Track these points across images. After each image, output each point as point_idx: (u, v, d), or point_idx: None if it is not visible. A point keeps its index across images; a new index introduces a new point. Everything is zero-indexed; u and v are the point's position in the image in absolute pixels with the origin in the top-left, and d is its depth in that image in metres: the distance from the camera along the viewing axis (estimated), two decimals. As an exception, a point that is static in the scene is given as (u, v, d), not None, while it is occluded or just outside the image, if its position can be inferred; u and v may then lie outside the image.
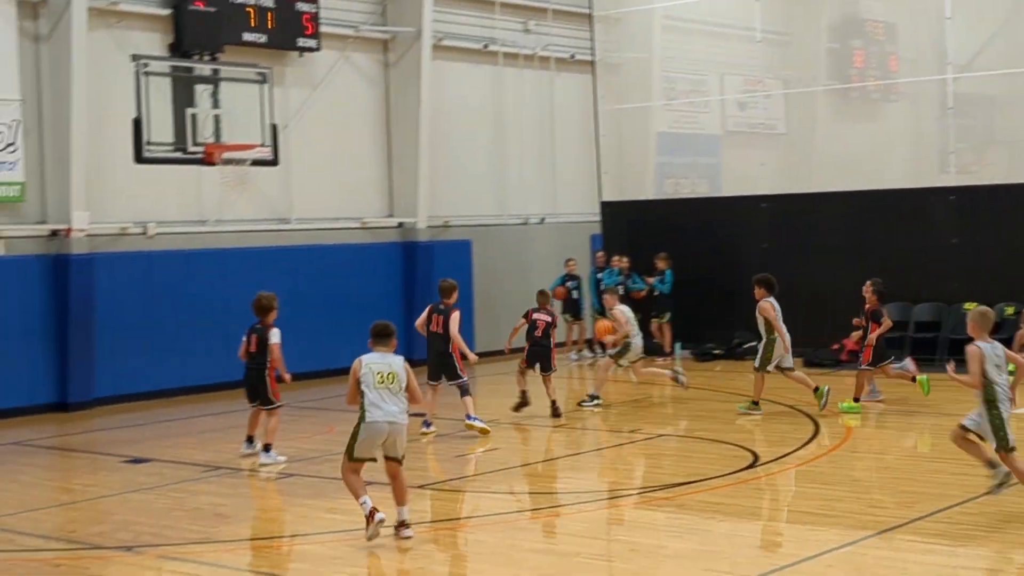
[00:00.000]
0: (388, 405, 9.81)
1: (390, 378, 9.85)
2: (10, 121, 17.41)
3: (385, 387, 9.83)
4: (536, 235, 24.97)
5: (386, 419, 9.79)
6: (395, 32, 22.47)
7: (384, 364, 9.93)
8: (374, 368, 9.89)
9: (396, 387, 9.87)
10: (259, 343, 13.44)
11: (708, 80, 27.63)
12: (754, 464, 12.56)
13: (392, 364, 9.94)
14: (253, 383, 13.51)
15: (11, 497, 12.22)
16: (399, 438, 9.92)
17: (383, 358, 9.99)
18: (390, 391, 9.83)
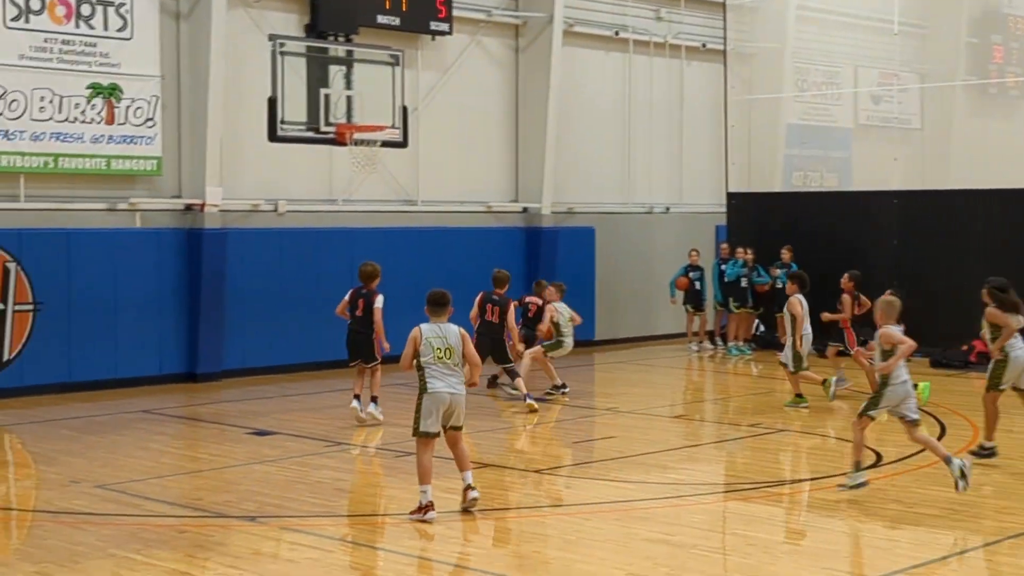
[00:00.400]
0: (448, 377, 10.12)
1: (447, 353, 10.12)
2: (149, 97, 17.85)
3: (443, 362, 10.11)
4: (660, 224, 24.85)
5: (447, 390, 10.09)
6: (527, 17, 22.51)
7: (441, 339, 10.16)
8: (433, 343, 10.14)
9: (454, 360, 10.14)
10: (365, 307, 14.53)
11: (842, 72, 27.22)
12: (877, 463, 12.37)
13: (448, 337, 10.17)
14: (357, 343, 14.62)
15: (140, 463, 12.56)
16: (459, 408, 10.22)
17: (440, 330, 10.21)
18: (447, 365, 10.12)
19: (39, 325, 16.93)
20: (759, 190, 24.36)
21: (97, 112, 17.40)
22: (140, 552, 9.11)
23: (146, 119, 17.84)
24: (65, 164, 17.22)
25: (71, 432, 14.31)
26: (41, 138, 16.95)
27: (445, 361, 10.12)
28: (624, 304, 23.92)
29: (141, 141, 17.81)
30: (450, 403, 10.13)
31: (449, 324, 10.32)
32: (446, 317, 10.33)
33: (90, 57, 17.35)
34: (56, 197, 17.34)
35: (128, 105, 17.65)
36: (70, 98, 17.17)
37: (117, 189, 17.86)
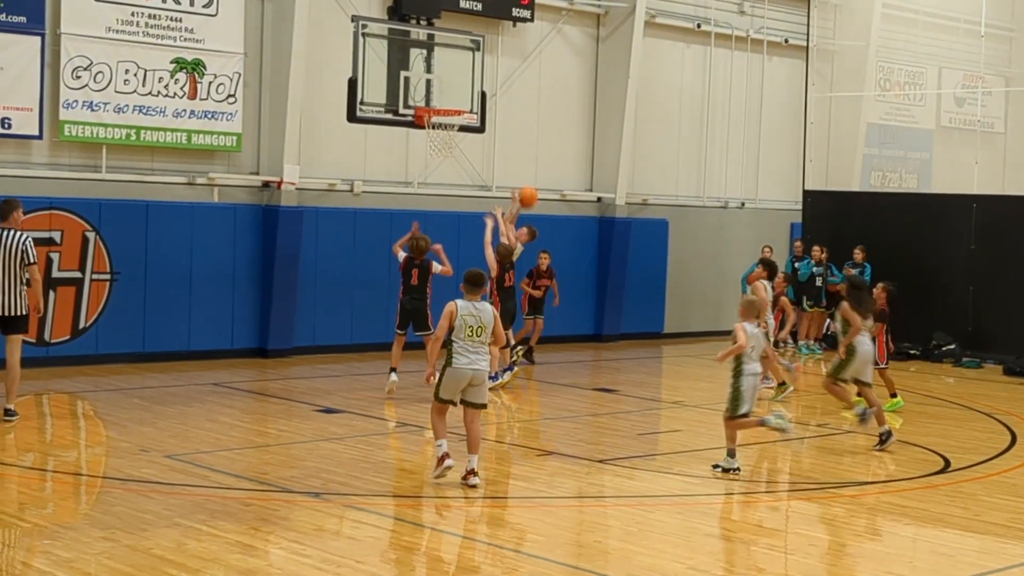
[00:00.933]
0: (472, 355, 10.66)
1: (479, 331, 10.69)
2: (232, 73, 18.04)
3: (473, 339, 10.64)
4: (734, 219, 24.71)
5: (470, 367, 10.65)
6: (609, 7, 22.45)
7: (475, 318, 10.70)
8: (467, 321, 10.67)
9: (483, 338, 10.71)
10: (420, 276, 15.32)
11: (925, 73, 26.92)
12: (945, 469, 12.24)
13: (482, 317, 10.73)
14: (411, 311, 15.38)
15: (209, 436, 12.73)
16: (480, 387, 10.75)
17: (475, 309, 10.74)
18: (475, 342, 10.66)
19: (115, 294, 17.20)
20: (836, 189, 24.15)
21: (180, 87, 17.62)
22: (205, 523, 9.25)
23: (227, 95, 18.04)
24: (147, 137, 17.45)
25: (143, 402, 14.53)
26: (124, 111, 17.19)
27: (474, 339, 10.65)
28: (694, 298, 23.82)
29: (222, 117, 18.01)
30: (470, 380, 10.68)
31: (484, 303, 10.89)
32: (479, 296, 10.87)
33: (175, 32, 17.56)
34: (136, 169, 17.58)
35: (211, 81, 17.86)
36: (154, 72, 17.40)
37: (196, 163, 18.08)
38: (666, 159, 23.87)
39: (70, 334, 16.89)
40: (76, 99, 16.80)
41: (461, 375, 10.67)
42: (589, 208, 22.62)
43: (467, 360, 10.66)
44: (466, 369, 10.65)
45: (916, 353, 21.41)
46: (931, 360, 21.05)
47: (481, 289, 10.92)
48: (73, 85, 16.77)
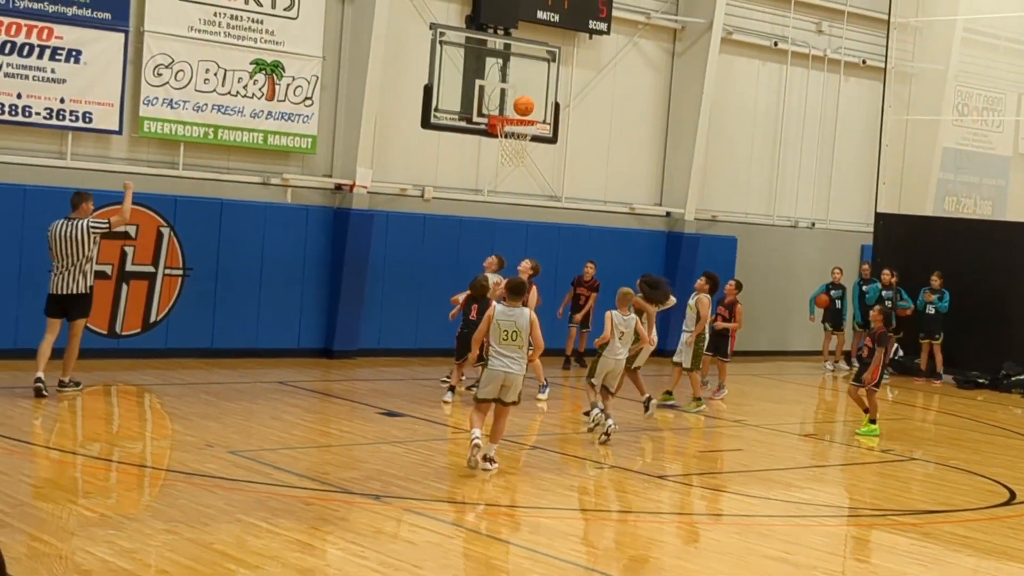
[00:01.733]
0: (507, 358, 11.37)
1: (514, 335, 11.36)
2: (309, 76, 18.23)
3: (507, 343, 11.35)
4: (804, 239, 24.54)
5: (504, 369, 11.36)
6: (686, 22, 22.41)
7: (510, 322, 11.39)
8: (502, 325, 11.39)
9: (520, 342, 11.37)
10: (479, 312, 14.72)
11: (1004, 99, 26.56)
12: (1010, 501, 12.09)
13: (517, 321, 11.39)
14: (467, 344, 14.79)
15: (273, 434, 12.86)
16: (514, 385, 11.44)
17: (511, 313, 11.42)
18: (510, 346, 11.37)
19: (187, 290, 17.43)
20: (909, 212, 23.91)
21: (259, 88, 17.83)
22: (266, 520, 9.34)
23: (305, 98, 18.23)
24: (224, 136, 17.68)
25: (209, 397, 14.71)
26: (203, 109, 17.43)
27: (509, 343, 11.34)
28: (761, 317, 23.67)
29: (298, 119, 18.21)
30: (504, 378, 11.38)
31: (522, 308, 11.50)
32: (519, 303, 11.50)
33: (256, 34, 17.79)
34: (212, 167, 17.82)
35: (289, 83, 18.06)
36: (234, 72, 17.63)
37: (271, 164, 18.29)
38: (737, 176, 23.77)
39: (141, 327, 17.15)
40: (156, 96, 17.06)
41: (495, 376, 11.42)
42: (658, 223, 22.58)
43: (501, 363, 11.36)
44: (499, 371, 11.37)
45: (984, 382, 21.15)
46: (999, 390, 20.79)
47: (521, 297, 11.59)
48: (154, 82, 17.03)
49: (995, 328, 21.33)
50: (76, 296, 13.78)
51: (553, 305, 18.86)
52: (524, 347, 11.43)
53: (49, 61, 16.27)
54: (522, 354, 11.44)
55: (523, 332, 11.38)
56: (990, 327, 21.38)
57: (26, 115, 16.19)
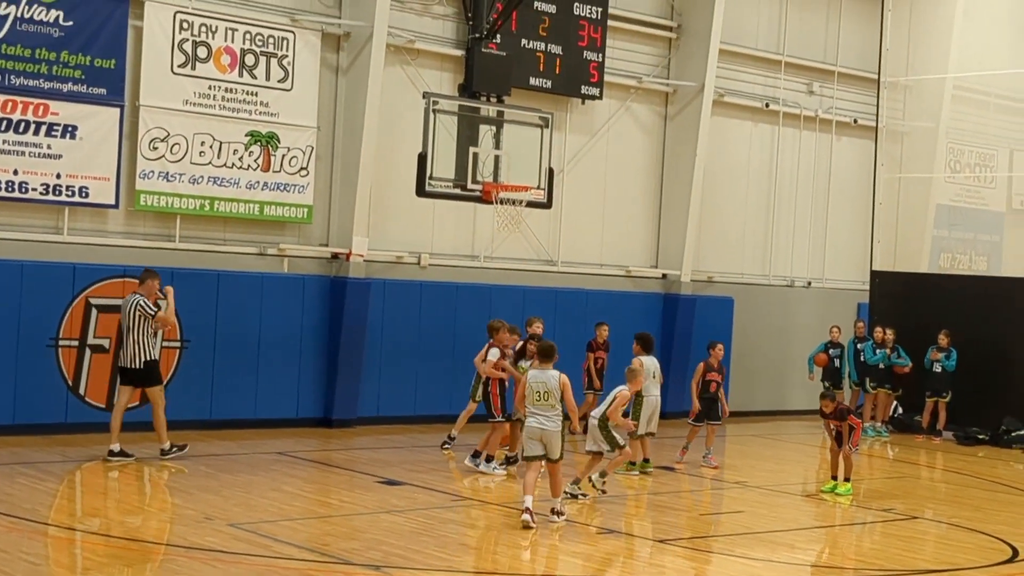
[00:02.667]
0: (540, 416, 12.37)
1: (545, 396, 12.35)
2: (305, 147, 18.37)
3: (541, 402, 12.35)
4: (801, 298, 24.60)
5: (538, 426, 12.36)
6: (677, 85, 22.60)
7: (541, 383, 12.39)
8: (533, 387, 12.41)
9: (552, 402, 12.34)
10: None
11: (996, 155, 26.76)
12: (1013, 559, 12.03)
13: (548, 383, 12.37)
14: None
15: (272, 505, 12.81)
16: (550, 441, 12.36)
17: (542, 375, 12.44)
18: (544, 405, 12.36)
19: (185, 362, 17.43)
20: (904, 270, 23.98)
21: (254, 159, 17.95)
22: (267, 593, 9.30)
23: (300, 168, 18.35)
24: (220, 208, 17.77)
25: (208, 469, 14.66)
26: (199, 181, 17.53)
27: (544, 402, 12.33)
28: (759, 377, 23.69)
29: (294, 189, 18.31)
30: (540, 437, 12.32)
31: (553, 371, 12.43)
32: (551, 365, 12.48)
33: (251, 106, 17.93)
34: (209, 239, 17.88)
35: (284, 154, 18.19)
36: (229, 144, 17.75)
37: (268, 234, 18.36)
38: (732, 237, 23.87)
39: (140, 400, 17.10)
40: (152, 169, 17.17)
41: (531, 432, 12.40)
42: (654, 284, 22.65)
43: (535, 420, 12.36)
44: (535, 428, 12.36)
45: (985, 438, 21.11)
46: (1000, 445, 20.74)
47: (551, 359, 12.55)
48: (150, 156, 17.15)
49: (994, 384, 21.33)
50: (136, 370, 14.84)
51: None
52: (556, 406, 12.37)
53: (45, 137, 16.38)
54: (556, 412, 12.37)
55: (554, 393, 12.32)
56: (989, 383, 21.38)
57: (23, 191, 16.28)
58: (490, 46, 19.14)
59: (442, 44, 19.82)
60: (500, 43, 19.32)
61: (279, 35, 18.16)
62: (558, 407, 12.37)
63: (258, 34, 17.97)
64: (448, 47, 19.83)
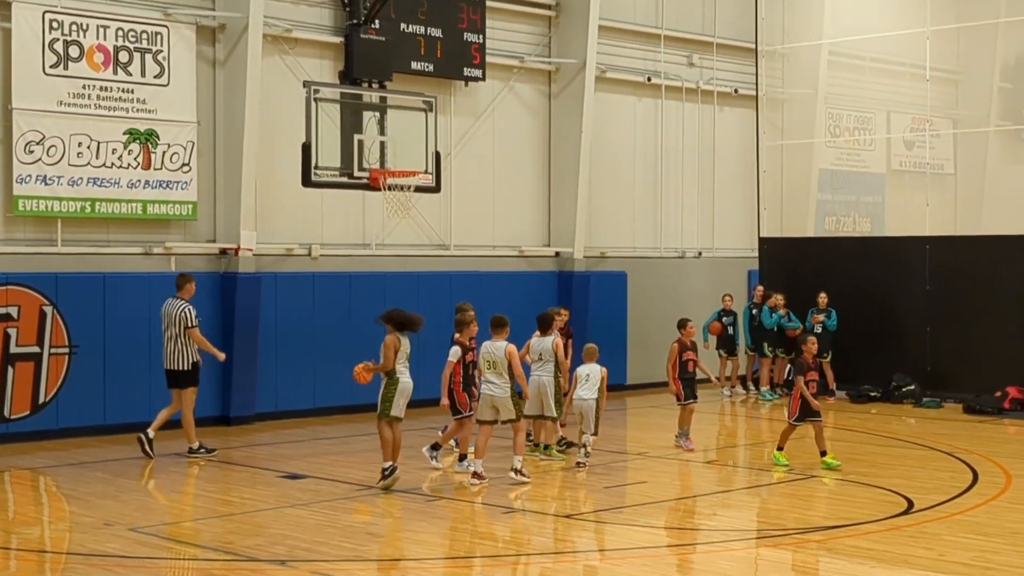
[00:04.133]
0: (491, 383, 13.63)
1: (494, 364, 13.61)
2: (185, 143, 18.08)
3: (490, 371, 13.63)
4: (692, 269, 24.87)
5: (489, 393, 13.65)
6: (559, 63, 22.67)
7: (490, 353, 13.67)
8: (484, 357, 13.66)
9: (500, 370, 13.56)
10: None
11: (874, 118, 27.26)
12: (909, 511, 12.31)
13: (495, 353, 13.66)
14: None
15: (173, 507, 12.64)
16: (503, 406, 13.61)
17: (492, 347, 13.72)
18: (493, 373, 13.61)
19: (75, 368, 17.08)
20: (791, 235, 24.36)
21: (134, 157, 17.63)
22: (171, 595, 9.17)
23: (182, 164, 18.07)
24: (102, 209, 17.43)
25: (105, 475, 14.41)
26: (78, 183, 17.18)
27: (490, 372, 13.63)
28: (656, 349, 23.78)
29: (177, 186, 18.03)
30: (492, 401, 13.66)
31: (501, 342, 13.72)
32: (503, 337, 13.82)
33: (127, 103, 17.61)
34: (92, 241, 17.54)
35: (164, 150, 17.89)
36: (107, 144, 17.41)
37: (152, 233, 18.06)
38: (622, 212, 24.04)
39: (30, 409, 16.76)
40: (29, 173, 16.78)
41: (485, 399, 13.74)
42: (548, 263, 22.73)
43: (486, 388, 13.65)
44: (486, 395, 13.68)
45: (877, 395, 21.56)
46: (892, 401, 21.20)
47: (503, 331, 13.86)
48: (26, 160, 16.75)
49: (883, 342, 21.78)
50: (182, 371, 15.59)
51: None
52: (504, 373, 13.59)
53: (-84, 145, 15.93)
54: (504, 378, 13.62)
55: (500, 361, 13.58)
56: (878, 341, 21.83)
57: None
58: (369, 32, 19.02)
59: (320, 32, 19.63)
60: (379, 28, 19.19)
61: (152, 30, 17.84)
62: (505, 375, 13.52)
63: (131, 30, 17.64)
64: (327, 34, 19.65)
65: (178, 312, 15.55)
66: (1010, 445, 16.90)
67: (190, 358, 15.63)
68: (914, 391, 21.20)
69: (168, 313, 15.64)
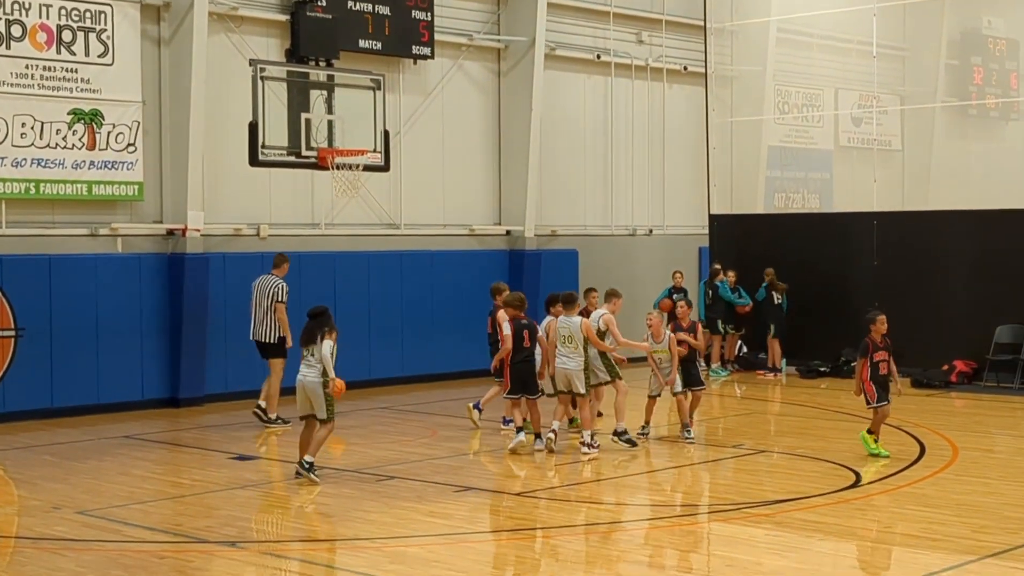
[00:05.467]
0: (564, 357, 13.85)
1: (569, 339, 13.77)
2: (131, 122, 17.88)
3: (566, 345, 13.78)
4: (643, 246, 24.93)
5: (563, 366, 13.91)
6: (508, 41, 22.61)
7: (565, 328, 13.81)
8: (560, 332, 13.83)
9: (575, 344, 13.72)
10: (531, 336, 14.36)
11: (822, 94, 27.40)
12: (856, 484, 12.42)
13: (571, 327, 13.77)
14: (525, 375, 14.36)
15: (121, 489, 12.53)
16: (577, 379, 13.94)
17: (566, 321, 13.86)
18: (569, 347, 13.78)
19: (21, 351, 16.90)
20: (741, 212, 24.46)
21: (78, 138, 17.42)
22: (120, 578, 9.10)
23: (127, 144, 17.87)
24: (46, 190, 17.22)
25: (53, 458, 14.27)
26: (22, 164, 16.95)
27: (566, 346, 13.77)
28: (607, 326, 23.92)
29: (122, 166, 17.83)
30: (565, 373, 13.87)
31: (575, 317, 13.87)
32: (575, 312, 13.93)
33: (71, 83, 17.38)
34: (37, 223, 17.33)
35: (109, 131, 17.69)
36: (51, 124, 17.19)
37: (98, 214, 17.86)
38: (573, 189, 24.05)
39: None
40: (-28, 154, 16.56)
41: (558, 372, 13.92)
42: (498, 242, 22.71)
43: (560, 361, 13.80)
44: (560, 368, 13.82)
45: (826, 370, 21.71)
46: (841, 376, 21.34)
47: (574, 307, 13.95)
48: (-32, 140, 16.53)
49: (833, 317, 21.92)
50: (270, 344, 16.20)
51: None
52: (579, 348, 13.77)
53: None
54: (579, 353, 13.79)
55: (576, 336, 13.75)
56: (829, 316, 21.97)
57: None
58: (316, 9, 18.91)
59: (266, 9, 19.45)
60: (326, 6, 19.07)
61: (96, 9, 17.62)
62: (580, 349, 13.69)
63: (74, 9, 17.41)
64: (273, 12, 19.46)
65: (272, 287, 16.28)
66: (957, 418, 17.08)
67: (277, 332, 16.23)
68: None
69: (262, 287, 16.38)
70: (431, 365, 20.71)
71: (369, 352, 20.00)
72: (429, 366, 20.69)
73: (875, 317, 14.01)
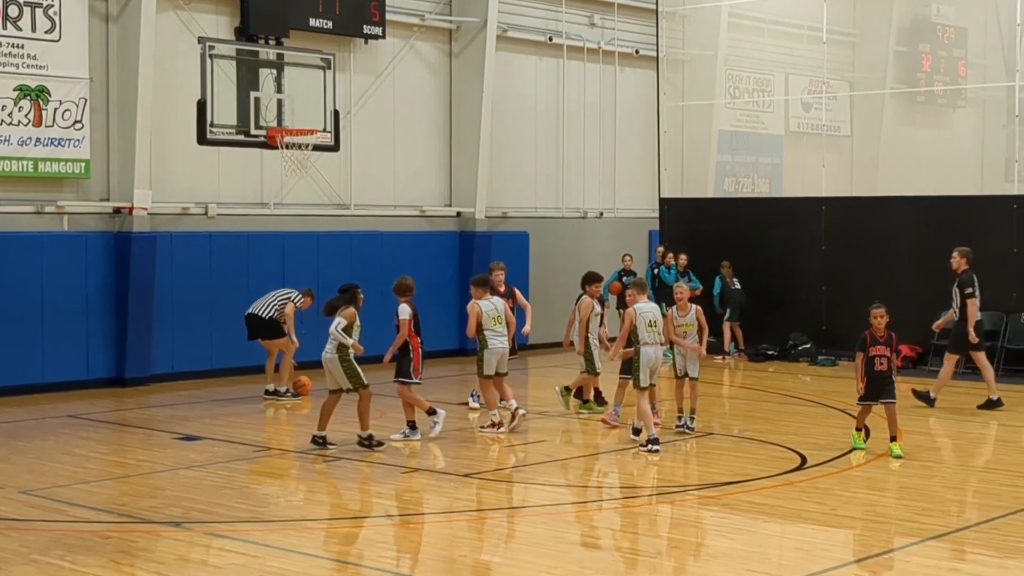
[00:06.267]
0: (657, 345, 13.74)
1: (655, 323, 13.68)
2: (77, 99, 17.67)
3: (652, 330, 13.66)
4: (594, 229, 24.97)
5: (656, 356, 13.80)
6: (460, 22, 22.54)
7: (649, 313, 13.70)
8: (645, 318, 13.58)
9: (659, 328, 13.71)
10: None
11: (773, 80, 27.55)
12: (802, 466, 12.52)
13: (655, 312, 13.81)
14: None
15: (65, 469, 12.43)
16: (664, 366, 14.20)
17: (647, 307, 13.81)
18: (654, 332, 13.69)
19: (-36, 329, 16.71)
20: (692, 196, 24.55)
21: (24, 114, 17.20)
22: (64, 558, 9.03)
23: (74, 121, 17.66)
24: (-9, 166, 17.02)
25: (-5, 438, 14.13)
26: (-34, 140, 16.73)
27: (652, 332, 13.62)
28: (558, 308, 23.90)
29: (69, 143, 17.63)
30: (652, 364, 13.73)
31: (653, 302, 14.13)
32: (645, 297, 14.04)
33: (17, 59, 17.15)
34: (-19, 200, 17.13)
35: (56, 107, 17.47)
36: (-4, 100, 16.98)
37: (44, 192, 17.66)
38: (524, 171, 24.04)
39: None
40: (-86, 129, 16.31)
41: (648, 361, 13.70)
42: (449, 223, 22.66)
43: (652, 350, 13.60)
44: (652, 357, 13.68)
45: (774, 353, 21.87)
46: (788, 360, 21.51)
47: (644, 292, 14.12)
48: (-90, 115, 16.27)
49: (781, 301, 22.08)
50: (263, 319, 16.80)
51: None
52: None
53: None
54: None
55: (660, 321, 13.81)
56: (777, 300, 22.12)
57: None
58: (266, -13, 18.70)
59: (217, -13, 19.27)
60: (277, -16, 18.87)
61: (43, -17, 17.39)
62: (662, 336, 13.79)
63: (20, -17, 17.18)
64: (223, -10, 19.29)
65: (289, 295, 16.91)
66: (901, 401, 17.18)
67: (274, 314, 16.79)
68: (810, 349, 21.55)
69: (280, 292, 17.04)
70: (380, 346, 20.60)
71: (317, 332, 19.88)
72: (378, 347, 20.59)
73: (872, 309, 13.15)
